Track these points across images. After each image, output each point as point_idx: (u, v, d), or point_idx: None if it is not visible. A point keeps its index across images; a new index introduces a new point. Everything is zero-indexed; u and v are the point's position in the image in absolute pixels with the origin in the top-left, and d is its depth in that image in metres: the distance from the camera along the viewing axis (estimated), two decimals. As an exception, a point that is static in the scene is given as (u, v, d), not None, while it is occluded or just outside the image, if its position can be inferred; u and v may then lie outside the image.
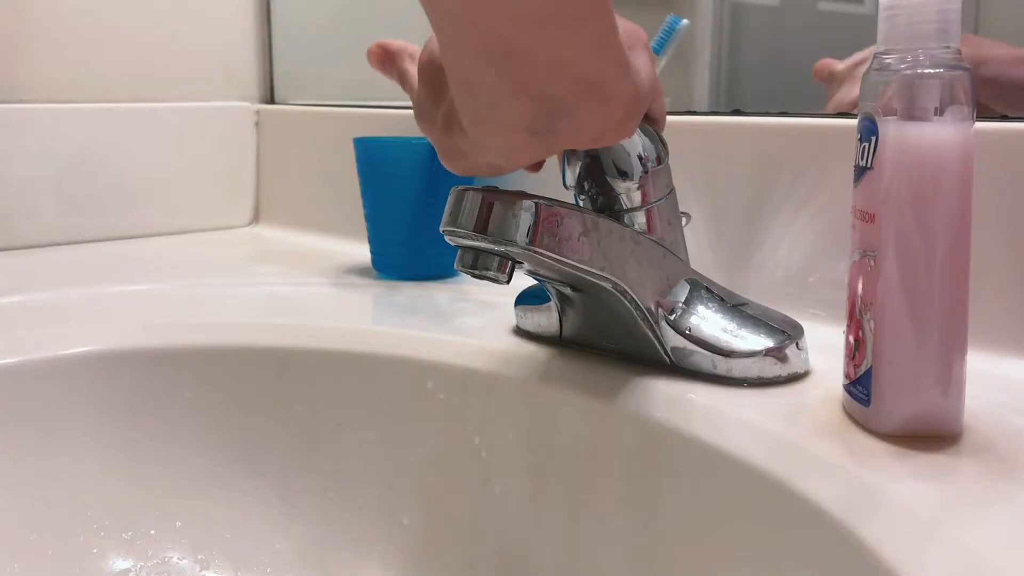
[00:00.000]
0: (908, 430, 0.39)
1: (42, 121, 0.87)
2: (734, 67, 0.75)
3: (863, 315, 0.40)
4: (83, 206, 0.89)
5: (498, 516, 0.52)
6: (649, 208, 0.49)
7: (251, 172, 1.00)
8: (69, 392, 0.56)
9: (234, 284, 0.72)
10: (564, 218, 0.44)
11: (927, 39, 0.38)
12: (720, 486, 0.42)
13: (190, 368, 0.58)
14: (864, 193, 0.40)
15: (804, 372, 0.48)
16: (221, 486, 0.57)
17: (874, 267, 0.39)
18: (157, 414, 0.58)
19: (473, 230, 0.43)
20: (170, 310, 0.64)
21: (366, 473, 0.56)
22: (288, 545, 0.57)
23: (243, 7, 1.00)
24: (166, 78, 0.95)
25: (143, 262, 0.83)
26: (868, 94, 0.39)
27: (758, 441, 0.41)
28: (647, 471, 0.46)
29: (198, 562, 0.56)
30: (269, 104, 1.02)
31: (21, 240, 0.86)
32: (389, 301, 0.67)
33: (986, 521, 0.34)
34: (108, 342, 0.58)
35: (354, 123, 0.87)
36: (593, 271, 0.45)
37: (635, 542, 0.46)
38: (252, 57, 1.01)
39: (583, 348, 0.53)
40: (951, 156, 0.38)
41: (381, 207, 0.73)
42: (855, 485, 0.37)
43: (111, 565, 0.55)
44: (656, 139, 0.49)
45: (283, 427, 0.58)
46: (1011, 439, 0.40)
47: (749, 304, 0.50)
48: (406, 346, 0.56)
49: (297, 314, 0.64)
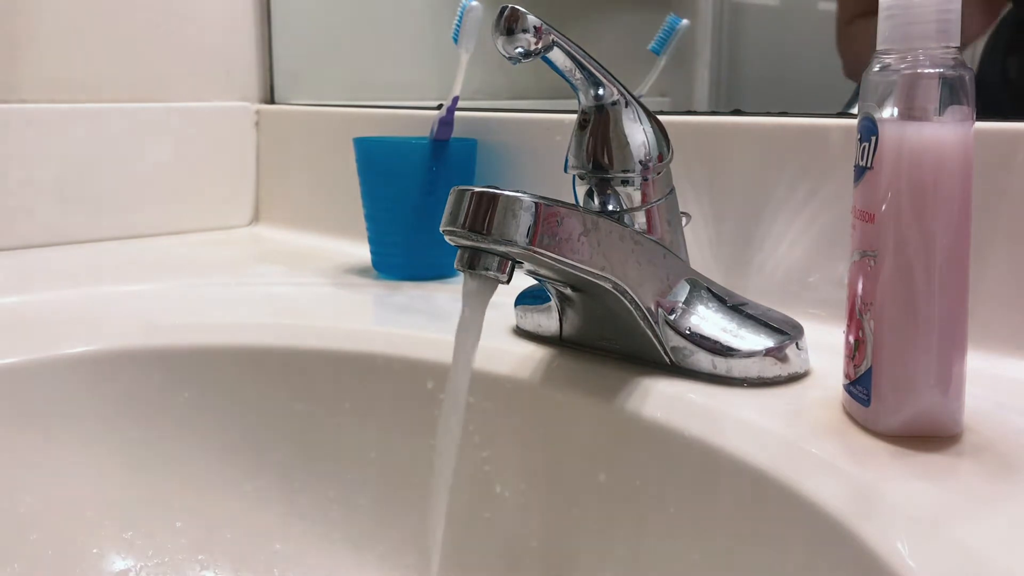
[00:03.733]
0: (908, 430, 0.39)
1: (42, 121, 0.86)
2: (734, 67, 0.75)
3: (863, 315, 0.40)
4: (83, 206, 0.89)
5: (498, 515, 0.52)
6: (649, 208, 0.49)
7: (251, 172, 1.00)
8: (69, 392, 0.56)
9: (234, 284, 0.72)
10: (564, 218, 0.44)
11: (927, 39, 0.38)
12: (720, 486, 0.42)
13: (190, 368, 0.58)
14: (864, 193, 0.40)
15: (804, 372, 0.48)
16: (221, 486, 0.57)
17: (874, 267, 0.39)
18: (157, 414, 0.58)
19: (473, 230, 0.43)
20: (170, 310, 0.64)
21: (366, 473, 0.56)
22: (288, 545, 0.57)
23: (243, 7, 1.00)
24: (166, 78, 0.95)
25: (143, 262, 0.83)
26: (868, 94, 0.39)
27: (758, 441, 0.41)
28: (647, 471, 0.46)
29: (198, 562, 0.56)
30: (269, 104, 1.02)
31: (21, 240, 0.86)
32: (389, 301, 0.67)
33: (986, 521, 0.33)
34: (108, 342, 0.58)
35: (354, 123, 0.87)
36: (593, 271, 0.45)
37: (635, 541, 0.46)
38: (252, 57, 1.01)
39: (583, 348, 0.53)
40: (951, 156, 0.38)
41: (381, 207, 0.73)
42: (855, 485, 0.37)
43: (111, 565, 0.55)
44: (659, 138, 0.49)
45: (283, 427, 0.58)
46: (1011, 439, 0.40)
47: (749, 304, 0.50)
48: (406, 346, 0.56)
49: (297, 314, 0.64)
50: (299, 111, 0.98)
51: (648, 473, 0.46)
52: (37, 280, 0.75)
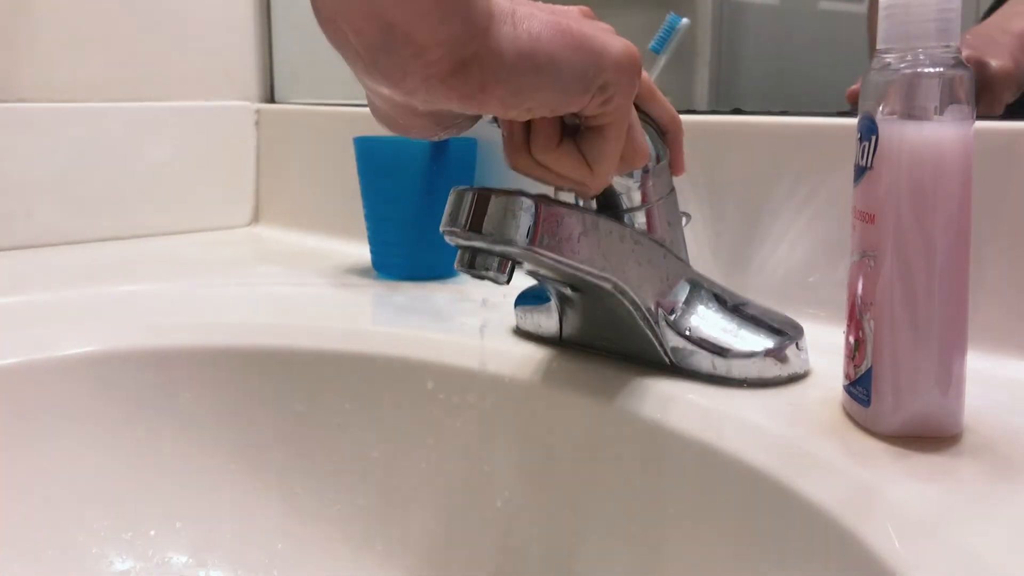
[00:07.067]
0: (908, 430, 0.39)
1: (42, 121, 0.86)
2: (734, 67, 0.75)
3: (863, 315, 0.40)
4: (83, 206, 0.89)
5: (498, 515, 0.52)
6: (649, 208, 0.49)
7: (251, 172, 1.00)
8: (69, 392, 0.56)
9: (234, 284, 0.72)
10: (564, 218, 0.44)
11: (927, 38, 0.37)
12: (720, 486, 0.42)
13: (190, 368, 0.58)
14: (864, 193, 0.40)
15: (804, 372, 0.48)
16: (221, 486, 0.57)
17: (874, 267, 0.39)
18: (157, 414, 0.57)
19: (473, 230, 0.43)
20: (170, 310, 0.64)
21: (366, 473, 0.56)
22: (288, 545, 0.57)
23: (243, 7, 1.00)
24: (166, 78, 0.95)
25: (143, 262, 0.83)
26: (868, 93, 0.39)
27: (758, 442, 0.41)
28: (647, 471, 0.46)
29: (198, 562, 0.56)
30: (269, 104, 1.02)
31: (21, 240, 0.86)
32: (389, 301, 0.67)
33: (986, 521, 0.33)
34: (108, 342, 0.58)
35: (354, 123, 0.86)
36: (593, 271, 0.45)
37: (635, 542, 0.46)
38: (252, 57, 1.01)
39: (583, 348, 0.53)
40: (951, 156, 0.38)
41: (381, 207, 0.73)
42: (855, 485, 0.37)
43: (111, 565, 0.55)
44: (656, 139, 0.49)
45: (283, 427, 0.58)
46: (1011, 439, 0.40)
47: (749, 304, 0.50)
48: (406, 346, 0.56)
49: (297, 314, 0.64)
50: (299, 111, 0.98)
51: (647, 473, 0.46)
52: (37, 280, 0.75)
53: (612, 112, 0.41)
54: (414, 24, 0.35)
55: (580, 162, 0.43)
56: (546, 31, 0.38)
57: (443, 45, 0.35)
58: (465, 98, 0.37)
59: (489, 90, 0.37)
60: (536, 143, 0.42)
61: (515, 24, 0.38)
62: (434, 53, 0.35)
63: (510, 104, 0.38)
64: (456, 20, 0.35)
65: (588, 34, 0.39)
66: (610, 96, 0.40)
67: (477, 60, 0.36)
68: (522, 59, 0.38)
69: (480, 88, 0.37)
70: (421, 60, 0.36)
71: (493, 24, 0.37)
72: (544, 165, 0.43)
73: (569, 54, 0.39)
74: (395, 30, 0.35)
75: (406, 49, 0.35)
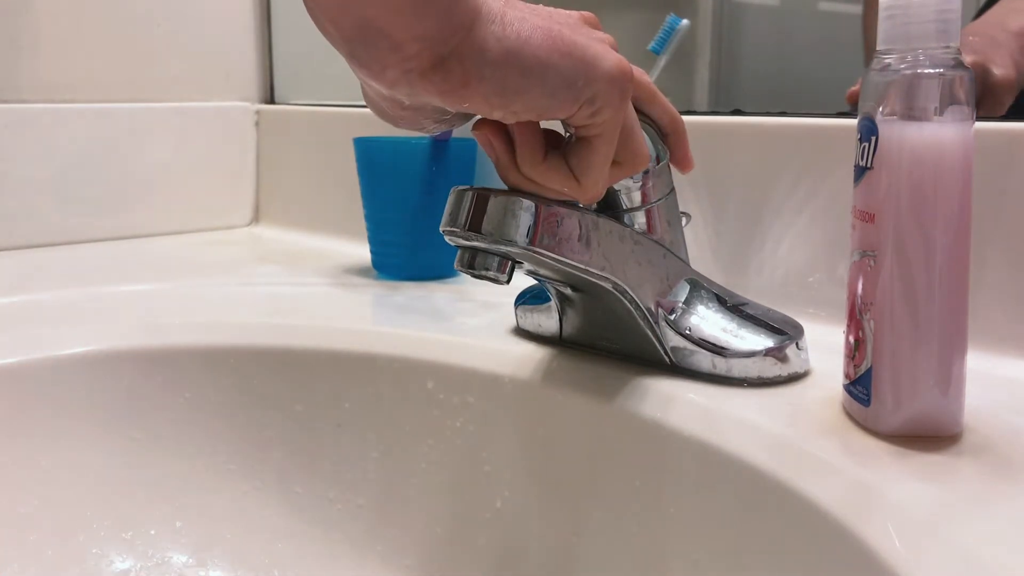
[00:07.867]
0: (908, 430, 0.39)
1: (42, 121, 0.86)
2: (734, 67, 0.75)
3: (863, 315, 0.40)
4: (83, 206, 0.89)
5: (498, 515, 0.52)
6: (649, 208, 0.49)
7: (251, 172, 1.00)
8: (69, 392, 0.56)
9: (234, 284, 0.72)
10: (564, 218, 0.44)
11: (927, 39, 0.38)
12: (720, 486, 0.42)
13: (190, 368, 0.58)
14: (864, 193, 0.40)
15: (804, 372, 0.48)
16: (221, 486, 0.57)
17: (874, 267, 0.39)
18: (157, 414, 0.58)
19: (473, 230, 0.43)
20: (170, 310, 0.64)
21: (366, 473, 0.56)
22: (288, 545, 0.57)
23: (243, 7, 1.00)
24: (166, 78, 0.95)
25: (143, 262, 0.83)
26: (868, 94, 0.39)
27: (758, 441, 0.41)
28: (647, 471, 0.46)
29: (198, 562, 0.56)
30: (269, 104, 1.02)
31: (21, 240, 0.86)
32: (389, 301, 0.67)
33: (986, 521, 0.33)
34: (108, 342, 0.58)
35: (354, 123, 0.87)
36: (593, 271, 0.45)
37: (635, 541, 0.46)
38: (252, 57, 1.01)
39: (583, 348, 0.53)
40: (951, 156, 0.38)
41: (381, 207, 0.73)
42: (855, 485, 0.37)
43: (111, 565, 0.55)
44: (656, 139, 0.49)
45: (283, 427, 0.58)
46: (1011, 439, 0.40)
47: (749, 304, 0.50)
48: (406, 346, 0.56)
49: (297, 314, 0.64)
50: (299, 111, 0.98)
51: (648, 473, 0.46)
52: (37, 280, 0.75)
53: (600, 125, 0.41)
54: (388, 19, 0.35)
55: (568, 175, 0.43)
56: (536, 34, 0.38)
57: (420, 40, 0.36)
58: (446, 93, 0.38)
59: (473, 86, 0.37)
60: (522, 158, 0.43)
61: (504, 25, 0.38)
62: (411, 48, 0.36)
63: (495, 104, 0.39)
64: (431, 17, 0.36)
65: (580, 43, 0.39)
66: (598, 108, 0.40)
67: (457, 56, 0.37)
68: (508, 59, 0.38)
69: (463, 84, 0.37)
70: (399, 54, 0.36)
71: (479, 23, 0.37)
72: (532, 179, 0.43)
73: (558, 59, 0.39)
74: (370, 24, 0.35)
75: (383, 43, 0.36)
